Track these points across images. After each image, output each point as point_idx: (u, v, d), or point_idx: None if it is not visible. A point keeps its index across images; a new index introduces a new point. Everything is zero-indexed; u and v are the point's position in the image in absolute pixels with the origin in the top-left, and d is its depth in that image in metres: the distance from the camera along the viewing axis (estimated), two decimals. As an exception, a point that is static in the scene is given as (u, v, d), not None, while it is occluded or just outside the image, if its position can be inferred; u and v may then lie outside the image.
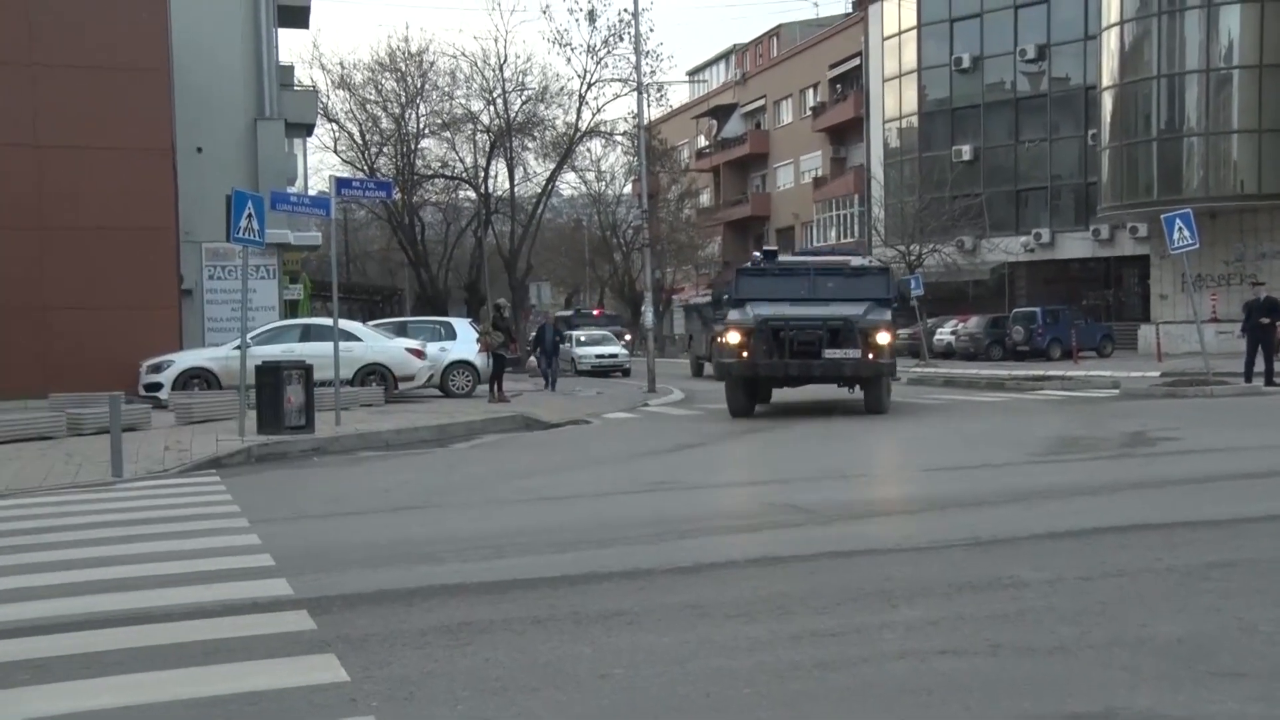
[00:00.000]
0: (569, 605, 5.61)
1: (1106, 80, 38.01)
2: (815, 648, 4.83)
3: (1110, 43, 37.76)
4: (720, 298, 19.79)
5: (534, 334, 29.59)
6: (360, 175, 39.87)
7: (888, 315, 17.01)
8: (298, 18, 33.48)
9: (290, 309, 30.09)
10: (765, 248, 19.84)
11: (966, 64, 44.08)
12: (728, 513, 8.56)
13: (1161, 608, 5.31)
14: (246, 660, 4.82)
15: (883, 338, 16.48)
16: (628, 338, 33.14)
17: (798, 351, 16.36)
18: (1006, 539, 7.04)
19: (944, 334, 37.81)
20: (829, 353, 16.25)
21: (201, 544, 7.56)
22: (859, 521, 8.05)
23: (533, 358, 28.74)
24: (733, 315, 17.25)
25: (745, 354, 16.51)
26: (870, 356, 16.32)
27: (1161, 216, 20.51)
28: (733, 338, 16.75)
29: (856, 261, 18.69)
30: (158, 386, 20.11)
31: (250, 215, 13.86)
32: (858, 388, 17.52)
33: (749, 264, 18.81)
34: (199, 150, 26.73)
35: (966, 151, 43.94)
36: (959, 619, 5.20)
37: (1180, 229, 19.41)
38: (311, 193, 29.89)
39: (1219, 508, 7.99)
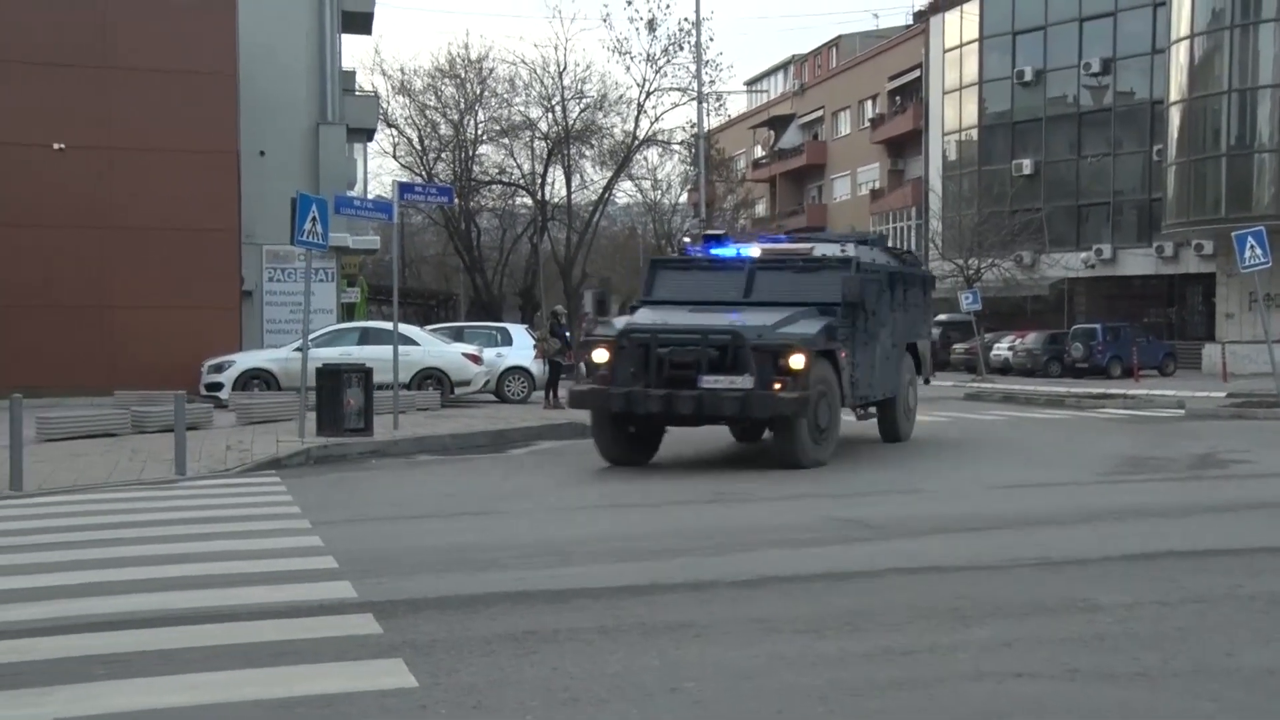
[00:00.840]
0: (635, 616, 5.57)
1: (1174, 95, 37.35)
2: (888, 666, 4.75)
3: (1179, 56, 37.10)
4: (600, 300, 14.97)
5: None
6: (419, 180, 40.19)
7: (814, 328, 11.98)
8: (361, 24, 33.88)
9: (347, 312, 30.40)
10: (707, 232, 15.52)
11: (1029, 77, 43.56)
12: (789, 525, 8.47)
13: (1246, 637, 5.16)
14: (316, 663, 4.83)
15: (797, 360, 11.51)
16: None
17: (670, 378, 11.70)
18: (1077, 560, 6.90)
19: (1001, 349, 37.34)
20: (707, 381, 11.56)
21: (265, 544, 7.61)
22: (925, 538, 7.92)
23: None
24: (609, 325, 13.03)
25: (608, 378, 12.10)
26: (776, 388, 11.46)
27: (1233, 234, 20.10)
28: (598, 356, 12.25)
29: (821, 249, 13.59)
30: (219, 386, 20.37)
31: (314, 218, 13.98)
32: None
33: (673, 254, 15.20)
34: (261, 154, 27.04)
35: (1027, 165, 43.40)
36: (1034, 641, 5.10)
37: (1252, 246, 19.08)
38: (370, 197, 30.14)
39: (1299, 534, 7.78)
